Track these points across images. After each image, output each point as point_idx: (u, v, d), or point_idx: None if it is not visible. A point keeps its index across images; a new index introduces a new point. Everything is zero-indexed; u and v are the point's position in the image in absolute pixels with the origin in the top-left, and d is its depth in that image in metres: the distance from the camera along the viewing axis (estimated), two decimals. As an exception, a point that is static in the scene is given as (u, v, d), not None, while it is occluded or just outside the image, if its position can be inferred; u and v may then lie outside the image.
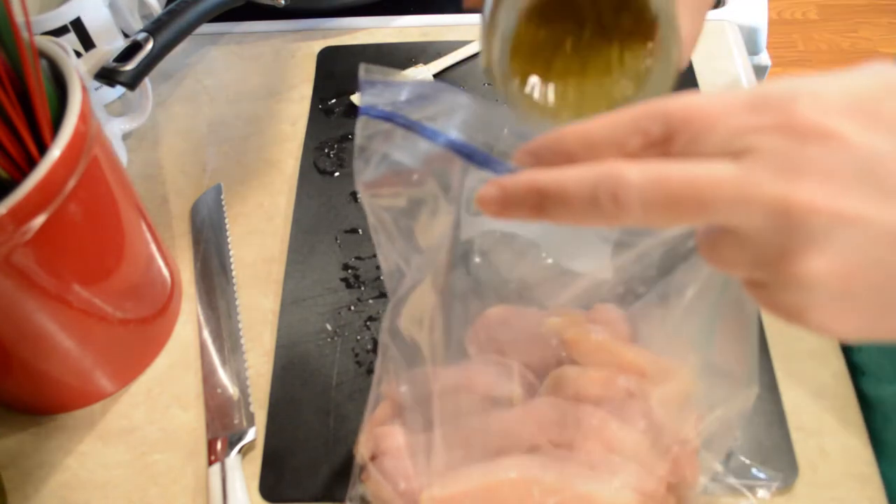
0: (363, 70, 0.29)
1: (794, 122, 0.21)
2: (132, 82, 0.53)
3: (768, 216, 0.21)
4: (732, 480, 0.40)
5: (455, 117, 0.29)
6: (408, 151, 0.29)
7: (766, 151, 0.21)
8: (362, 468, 0.38)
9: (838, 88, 0.21)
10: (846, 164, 0.20)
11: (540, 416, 0.34)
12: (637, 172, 0.22)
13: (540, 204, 0.23)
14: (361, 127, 0.29)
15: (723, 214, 0.21)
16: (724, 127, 0.22)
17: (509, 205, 0.24)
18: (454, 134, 0.27)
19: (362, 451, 0.38)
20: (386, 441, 0.37)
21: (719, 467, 0.36)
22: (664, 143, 0.22)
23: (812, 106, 0.21)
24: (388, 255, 0.32)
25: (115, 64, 0.53)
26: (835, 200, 0.20)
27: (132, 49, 0.54)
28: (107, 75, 0.53)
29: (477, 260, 0.34)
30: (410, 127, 0.28)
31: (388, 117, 0.29)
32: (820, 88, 0.21)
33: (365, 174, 0.30)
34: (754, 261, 0.22)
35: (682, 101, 0.22)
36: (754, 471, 0.41)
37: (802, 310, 0.22)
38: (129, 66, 0.53)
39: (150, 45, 0.54)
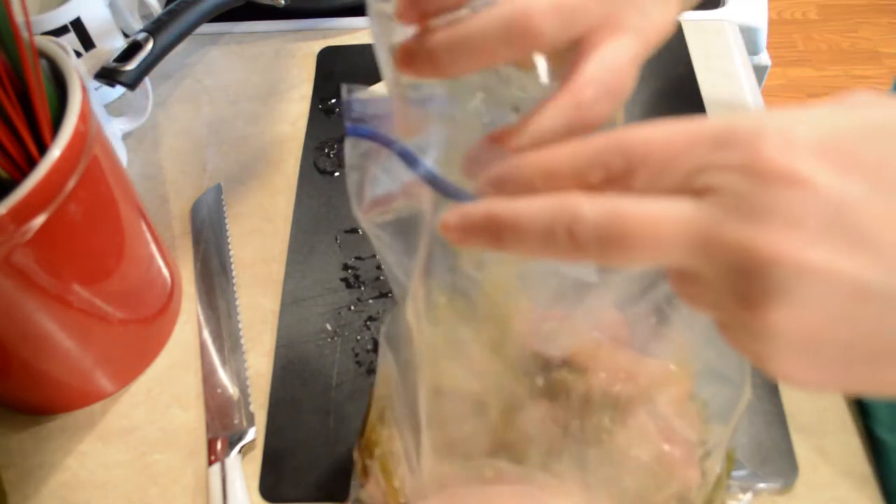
0: (345, 90, 0.29)
1: (759, 162, 0.19)
2: (132, 82, 0.53)
3: (728, 263, 0.20)
4: (732, 481, 0.40)
5: (435, 135, 0.28)
6: (393, 174, 0.29)
7: (728, 192, 0.20)
8: (362, 470, 0.38)
9: (810, 127, 0.20)
10: (814, 211, 0.19)
11: (537, 421, 0.34)
12: (593, 208, 0.21)
13: (497, 234, 0.22)
14: (350, 146, 0.29)
15: (681, 256, 0.20)
16: (686, 162, 0.20)
17: (468, 233, 0.23)
18: (430, 158, 0.27)
19: (359, 453, 0.38)
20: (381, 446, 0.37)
21: (718, 468, 0.36)
22: (625, 178, 0.21)
23: (780, 146, 0.19)
24: (390, 268, 0.32)
25: (115, 64, 0.53)
26: (800, 250, 0.19)
27: (132, 49, 0.54)
28: (107, 75, 0.53)
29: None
30: (390, 148, 0.28)
31: (372, 136, 0.29)
32: (790, 126, 0.20)
33: (359, 196, 0.30)
34: (717, 304, 0.21)
35: (644, 134, 0.21)
36: (754, 471, 0.41)
37: (765, 357, 0.21)
38: (130, 66, 0.53)
39: (150, 45, 0.54)
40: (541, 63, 0.29)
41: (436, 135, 0.28)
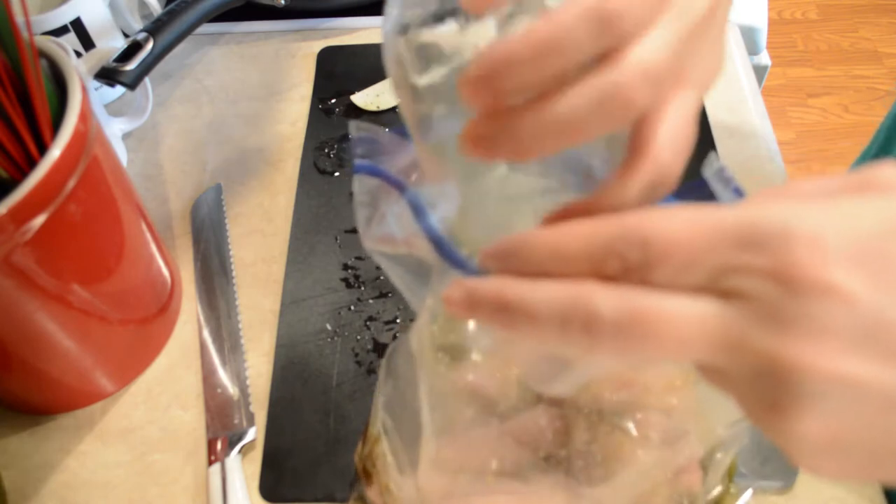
0: (353, 127, 0.29)
1: (790, 270, 0.18)
2: (132, 82, 0.53)
3: (755, 369, 0.19)
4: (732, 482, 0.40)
5: (451, 189, 0.28)
6: (401, 218, 0.28)
7: (757, 299, 0.19)
8: (363, 472, 0.38)
9: (842, 231, 0.19)
10: (846, 322, 0.18)
11: (540, 426, 0.34)
12: (611, 305, 0.20)
13: (506, 318, 0.21)
14: (358, 183, 0.29)
15: (705, 356, 0.20)
16: (711, 262, 0.19)
17: (475, 311, 0.22)
18: (442, 211, 0.26)
19: (360, 461, 0.38)
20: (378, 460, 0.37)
21: (721, 473, 0.36)
22: (643, 270, 0.20)
23: (812, 253, 0.18)
24: (403, 294, 0.32)
25: (115, 64, 0.53)
26: (830, 361, 0.18)
27: (132, 49, 0.54)
28: (107, 75, 0.53)
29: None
30: (400, 192, 0.27)
31: (381, 175, 0.28)
32: (821, 230, 0.19)
33: (366, 230, 0.29)
34: (742, 398, 0.20)
35: (663, 228, 0.20)
36: (754, 471, 0.41)
37: (790, 451, 0.20)
38: (130, 66, 0.53)
39: (150, 45, 0.54)
40: None
41: (452, 188, 0.27)
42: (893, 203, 0.19)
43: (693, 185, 0.27)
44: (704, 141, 0.59)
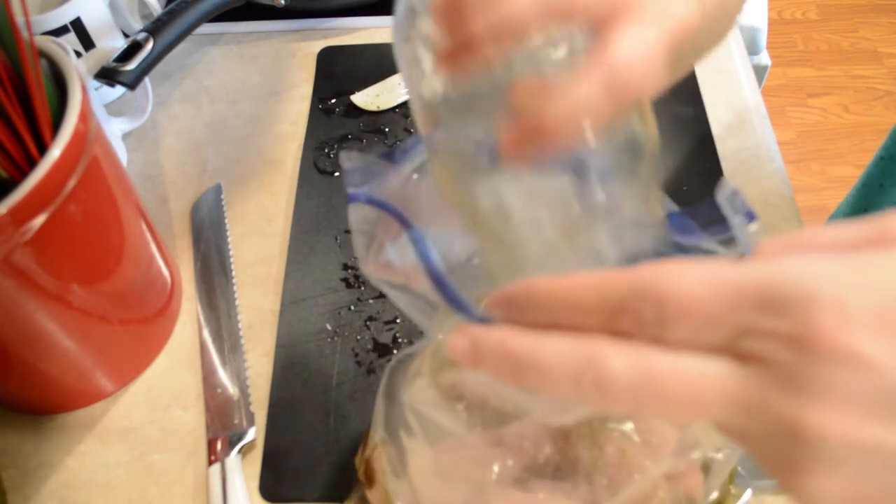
0: (345, 158, 0.29)
1: (812, 336, 0.18)
2: (132, 82, 0.53)
3: (774, 432, 0.19)
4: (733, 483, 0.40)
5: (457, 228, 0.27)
6: (402, 250, 0.27)
7: (778, 363, 0.19)
8: (365, 479, 0.38)
9: (863, 294, 0.18)
10: (869, 388, 0.18)
11: (540, 432, 0.33)
12: (625, 365, 0.19)
13: (514, 371, 0.21)
14: (353, 211, 0.29)
15: (721, 417, 0.19)
16: (729, 323, 0.19)
17: (481, 361, 0.22)
18: (435, 252, 0.26)
19: (360, 465, 0.38)
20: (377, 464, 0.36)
21: (723, 477, 0.36)
22: (657, 328, 0.20)
23: (833, 319, 0.18)
24: (409, 317, 0.32)
25: (115, 64, 0.53)
26: (851, 426, 0.18)
27: (132, 49, 0.54)
28: (107, 75, 0.53)
29: None
30: (402, 226, 0.27)
31: (381, 206, 0.28)
32: (842, 293, 0.18)
33: (366, 257, 0.29)
34: (759, 456, 0.20)
35: (679, 285, 0.19)
36: (754, 470, 0.41)
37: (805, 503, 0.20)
38: (130, 66, 0.53)
39: (150, 45, 0.54)
40: None
41: (456, 230, 0.27)
42: None
43: (704, 205, 0.27)
44: (704, 141, 0.59)
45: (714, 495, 0.35)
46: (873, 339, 0.18)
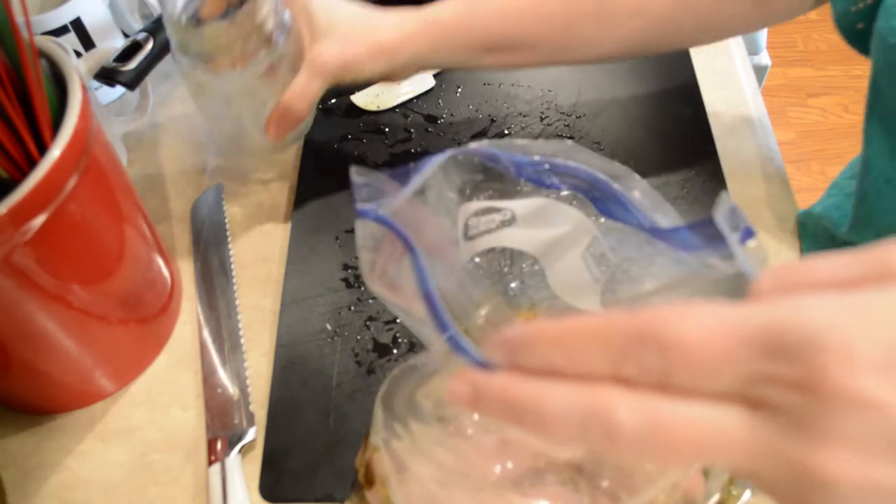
0: (355, 172, 0.29)
1: (821, 382, 0.18)
2: (131, 82, 0.53)
3: (784, 477, 0.19)
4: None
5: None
6: (404, 274, 0.27)
7: (787, 409, 0.19)
8: (365, 481, 0.38)
9: (871, 337, 0.18)
10: (877, 430, 0.18)
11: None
12: (631, 413, 0.19)
13: (516, 417, 0.21)
14: (360, 227, 0.29)
15: (734, 464, 0.20)
16: (735, 371, 0.19)
17: (482, 407, 0.22)
18: (434, 284, 0.25)
19: (360, 466, 0.38)
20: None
21: (723, 480, 0.36)
22: (663, 374, 0.20)
23: (842, 364, 0.18)
24: (413, 331, 0.32)
25: (114, 64, 0.53)
26: (862, 469, 0.18)
27: (132, 49, 0.54)
28: (107, 75, 0.53)
29: None
30: (405, 249, 0.27)
31: (387, 225, 0.27)
32: (850, 337, 0.18)
33: (370, 272, 0.29)
34: (772, 494, 0.20)
35: (681, 331, 0.19)
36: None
37: None
38: (129, 66, 0.53)
39: (150, 45, 0.54)
40: None
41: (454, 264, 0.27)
42: None
43: (706, 219, 0.27)
44: (704, 141, 0.59)
45: (715, 498, 0.35)
46: (880, 381, 0.18)
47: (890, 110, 0.46)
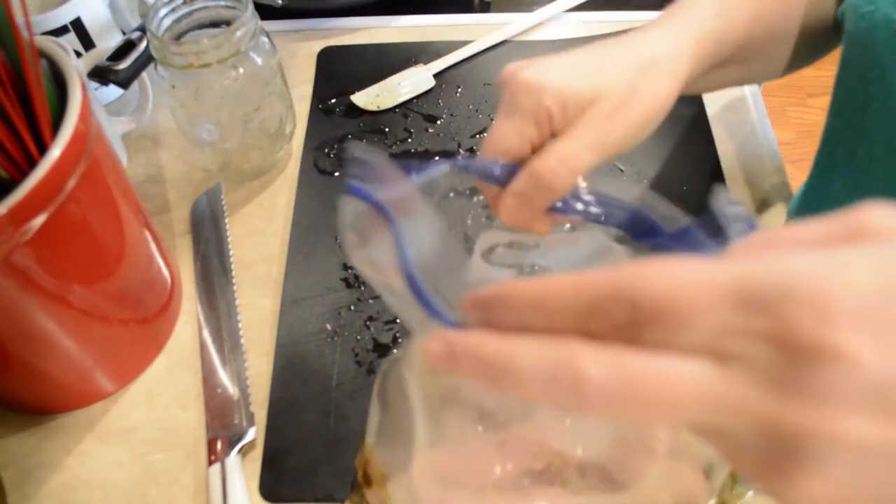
0: (356, 147, 0.29)
1: (792, 335, 0.17)
2: (125, 81, 0.53)
3: (756, 433, 0.18)
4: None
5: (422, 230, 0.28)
6: (384, 250, 0.27)
7: (758, 364, 0.18)
8: (364, 480, 0.38)
9: (844, 290, 0.18)
10: (852, 385, 0.17)
11: (540, 436, 0.33)
12: (599, 367, 0.19)
13: (489, 374, 0.20)
14: (347, 204, 0.29)
15: (702, 419, 0.19)
16: (706, 324, 0.18)
17: (454, 363, 0.21)
18: (411, 251, 0.26)
19: (359, 466, 0.38)
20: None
21: (724, 480, 0.36)
22: (633, 329, 0.19)
23: (814, 316, 0.17)
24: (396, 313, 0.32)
25: (107, 63, 0.53)
26: (837, 425, 0.17)
27: (126, 48, 0.53)
28: (100, 74, 0.53)
29: None
30: (388, 225, 0.27)
31: (373, 203, 0.27)
32: (822, 289, 0.18)
33: (356, 254, 0.29)
34: (740, 458, 0.20)
35: (653, 285, 0.19)
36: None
37: None
38: (123, 65, 0.53)
39: (143, 44, 0.53)
40: None
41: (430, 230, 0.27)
42: (889, 254, 0.18)
43: (702, 219, 0.26)
44: (704, 141, 0.59)
45: (716, 499, 0.35)
46: (853, 333, 0.17)
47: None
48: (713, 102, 0.62)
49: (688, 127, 0.60)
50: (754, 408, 0.18)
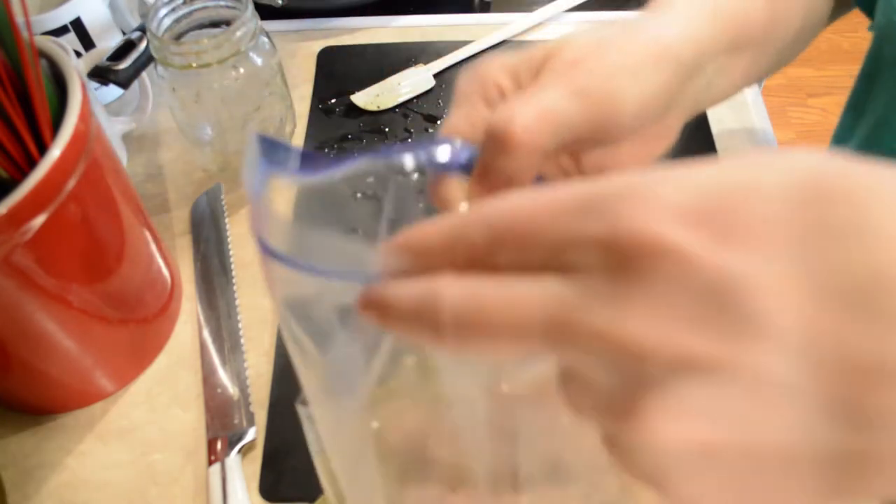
0: (254, 136, 0.25)
1: (618, 233, 0.16)
2: (125, 81, 0.53)
3: (598, 357, 0.16)
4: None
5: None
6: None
7: (592, 270, 0.16)
8: None
9: (679, 186, 0.16)
10: (685, 287, 0.15)
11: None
12: (453, 291, 0.18)
13: (379, 314, 0.20)
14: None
15: (549, 347, 0.17)
16: (550, 236, 0.17)
17: (366, 308, 0.20)
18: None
19: None
20: None
21: None
22: (490, 255, 0.18)
23: (642, 211, 0.16)
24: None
25: (107, 63, 0.53)
26: (672, 337, 0.15)
27: (126, 48, 0.53)
28: (100, 74, 0.53)
29: None
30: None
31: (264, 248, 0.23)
32: (659, 186, 0.16)
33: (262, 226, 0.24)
34: (596, 407, 0.17)
35: (509, 205, 0.18)
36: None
37: (661, 478, 0.17)
38: (123, 65, 0.53)
39: (143, 44, 0.53)
40: None
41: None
42: (747, 169, 0.17)
43: None
44: (704, 140, 0.59)
45: None
46: (685, 230, 0.16)
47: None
48: (713, 102, 0.62)
49: (688, 127, 0.60)
50: (586, 323, 0.16)
